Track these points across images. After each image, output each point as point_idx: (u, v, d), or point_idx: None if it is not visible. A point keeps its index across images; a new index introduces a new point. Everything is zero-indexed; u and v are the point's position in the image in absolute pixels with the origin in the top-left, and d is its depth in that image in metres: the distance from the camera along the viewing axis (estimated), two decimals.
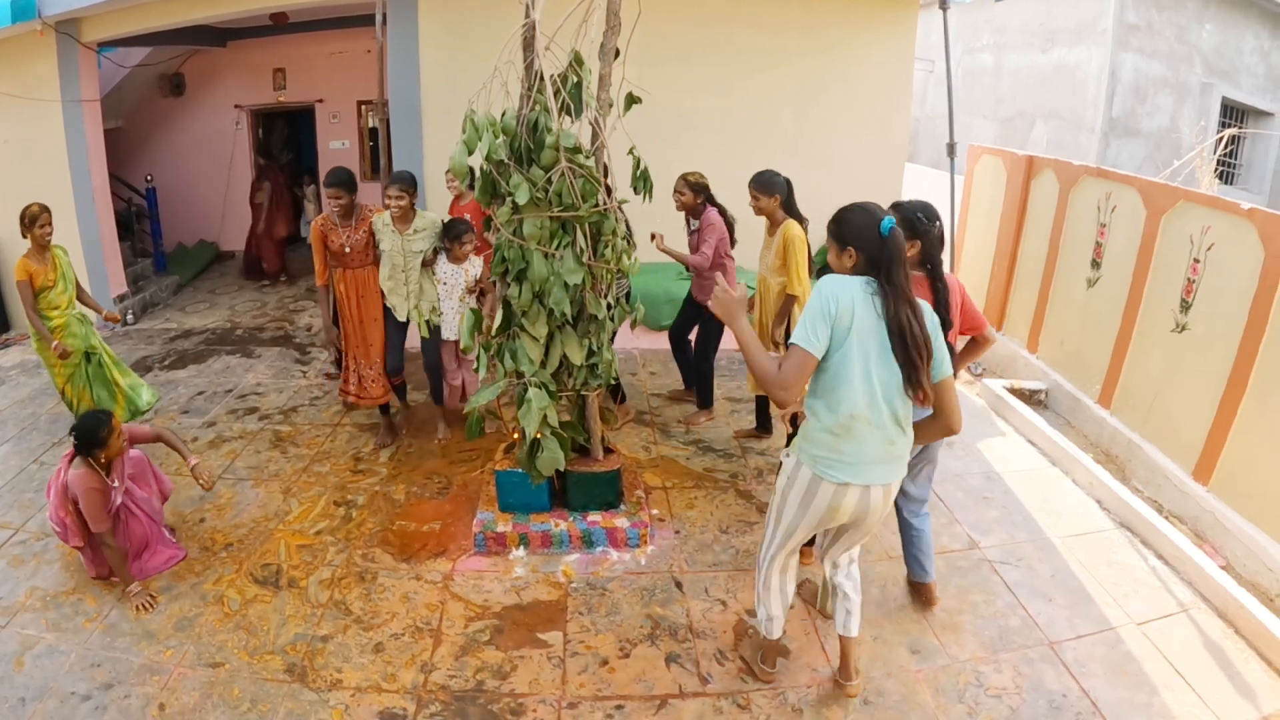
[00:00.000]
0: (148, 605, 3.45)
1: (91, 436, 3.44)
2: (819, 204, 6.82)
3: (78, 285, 4.81)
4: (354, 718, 2.91)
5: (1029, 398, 5.72)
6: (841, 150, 6.77)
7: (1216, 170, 9.22)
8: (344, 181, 4.40)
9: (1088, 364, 5.42)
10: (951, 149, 6.75)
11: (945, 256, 7.14)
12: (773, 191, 4.23)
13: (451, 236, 4.54)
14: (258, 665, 3.16)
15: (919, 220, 3.04)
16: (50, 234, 4.54)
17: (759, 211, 4.32)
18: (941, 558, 3.85)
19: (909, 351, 2.39)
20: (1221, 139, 9.23)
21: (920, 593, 3.52)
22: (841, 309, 2.38)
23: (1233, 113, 10.78)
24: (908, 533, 3.46)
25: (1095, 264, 5.40)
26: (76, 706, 2.93)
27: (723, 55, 6.45)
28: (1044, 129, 10.86)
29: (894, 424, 2.48)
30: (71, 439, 3.48)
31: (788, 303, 4.23)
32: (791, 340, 2.41)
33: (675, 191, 4.70)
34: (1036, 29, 10.99)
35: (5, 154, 6.95)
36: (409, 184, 4.45)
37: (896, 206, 3.18)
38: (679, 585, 3.66)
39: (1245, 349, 4.04)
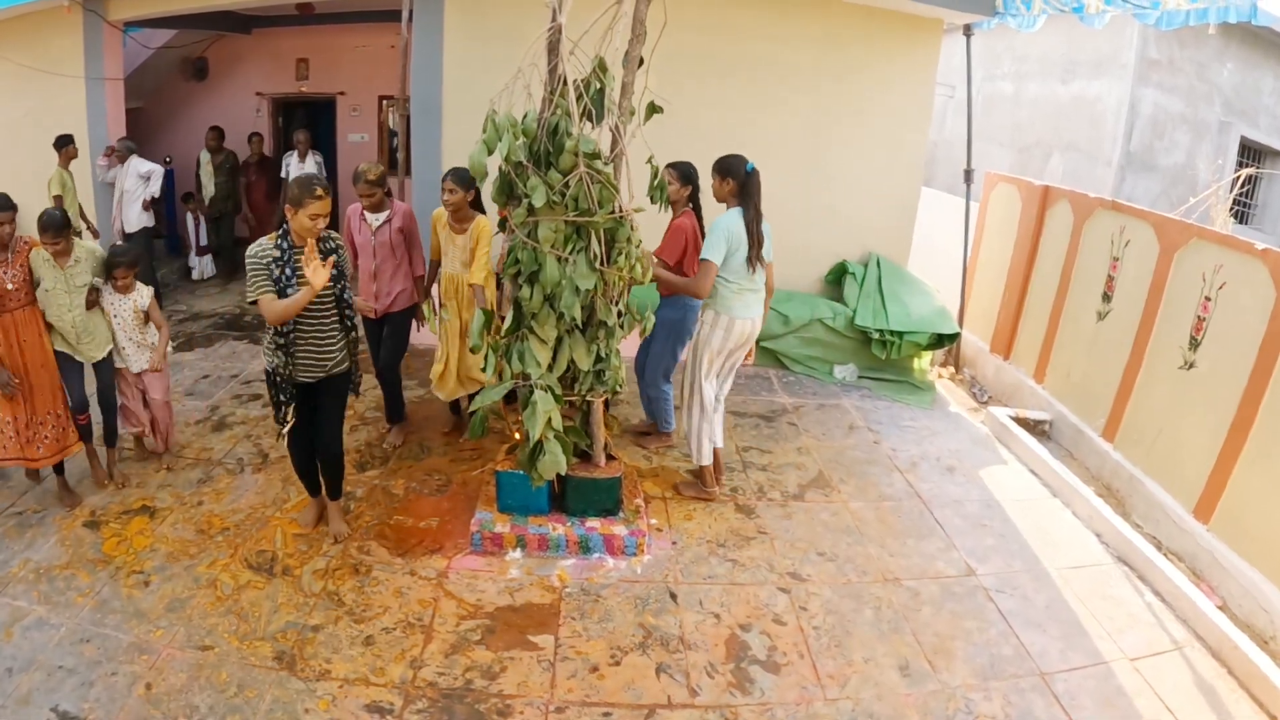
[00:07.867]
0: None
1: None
2: (837, 218, 6.87)
3: None
4: (341, 709, 2.91)
5: (1033, 427, 5.70)
6: (859, 168, 6.79)
7: (1232, 209, 9.22)
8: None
9: (1094, 396, 5.40)
10: (968, 175, 6.75)
11: (956, 280, 7.12)
12: (470, 186, 4.37)
13: (109, 269, 4.11)
14: (247, 651, 3.16)
15: (693, 172, 4.37)
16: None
17: (454, 206, 4.40)
18: (936, 583, 3.85)
19: (758, 244, 3.98)
20: (1238, 178, 9.22)
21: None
22: (733, 234, 3.91)
23: (1250, 153, 10.78)
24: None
25: (1106, 297, 5.39)
26: (63, 680, 2.94)
27: (745, 69, 6.46)
28: (1060, 160, 10.87)
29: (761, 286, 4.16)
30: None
31: (476, 291, 4.41)
32: (703, 257, 3.89)
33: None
34: (1057, 59, 11.01)
35: (26, 127, 6.98)
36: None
37: (673, 166, 4.32)
38: (673, 596, 3.65)
39: (1252, 389, 4.02)
